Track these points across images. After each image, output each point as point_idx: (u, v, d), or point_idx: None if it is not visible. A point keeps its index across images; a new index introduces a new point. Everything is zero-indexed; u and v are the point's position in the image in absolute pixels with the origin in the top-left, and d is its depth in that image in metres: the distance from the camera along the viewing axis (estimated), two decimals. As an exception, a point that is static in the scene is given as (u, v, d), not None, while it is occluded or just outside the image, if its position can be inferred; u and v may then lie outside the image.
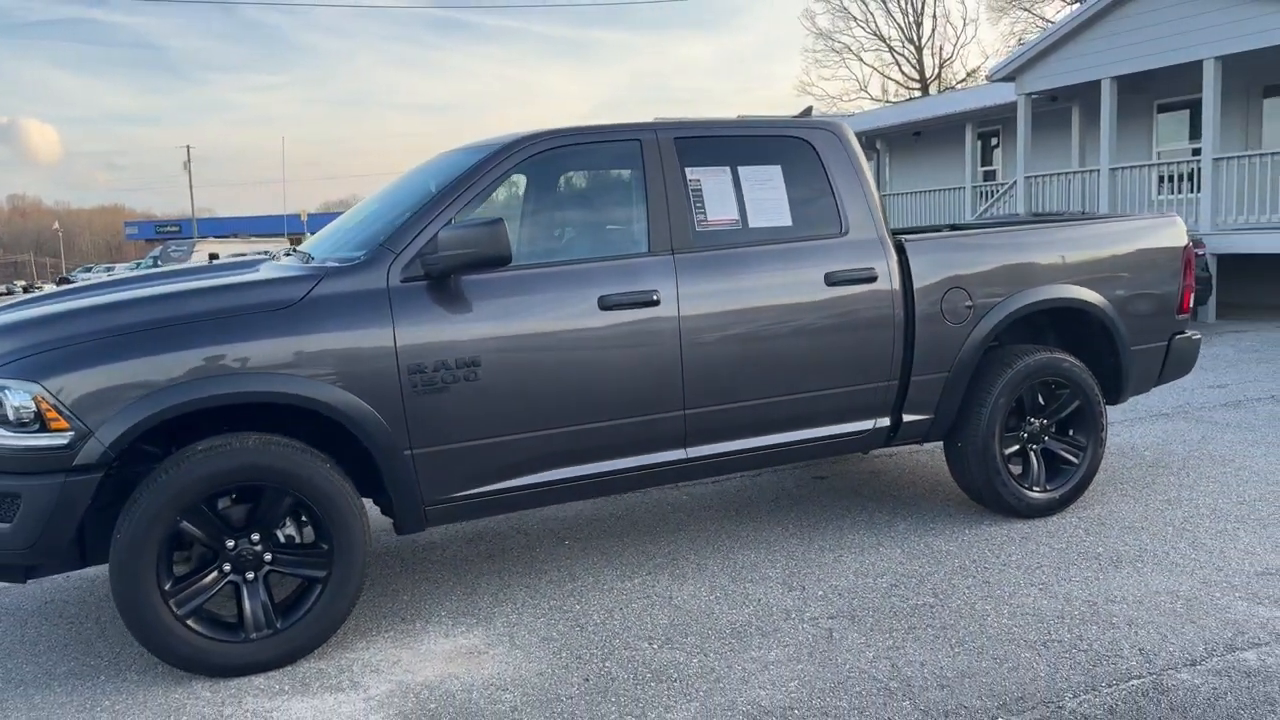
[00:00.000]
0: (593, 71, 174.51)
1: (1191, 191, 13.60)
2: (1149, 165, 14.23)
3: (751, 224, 4.22)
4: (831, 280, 4.26)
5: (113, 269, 48.64)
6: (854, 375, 4.35)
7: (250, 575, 3.44)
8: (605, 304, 3.86)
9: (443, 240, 3.56)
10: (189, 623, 3.34)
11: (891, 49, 52.61)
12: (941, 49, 60.55)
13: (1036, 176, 15.62)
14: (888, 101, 50.16)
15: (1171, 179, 14.04)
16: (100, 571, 4.55)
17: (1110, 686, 3.07)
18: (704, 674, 3.29)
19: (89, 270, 54.12)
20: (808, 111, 13.27)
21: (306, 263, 4.02)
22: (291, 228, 75.05)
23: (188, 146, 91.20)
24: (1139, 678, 3.12)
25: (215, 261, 4.40)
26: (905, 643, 3.47)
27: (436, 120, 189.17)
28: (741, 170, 4.25)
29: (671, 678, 3.28)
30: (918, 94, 49.88)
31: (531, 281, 3.81)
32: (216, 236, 66.16)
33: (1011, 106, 16.61)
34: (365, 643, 3.67)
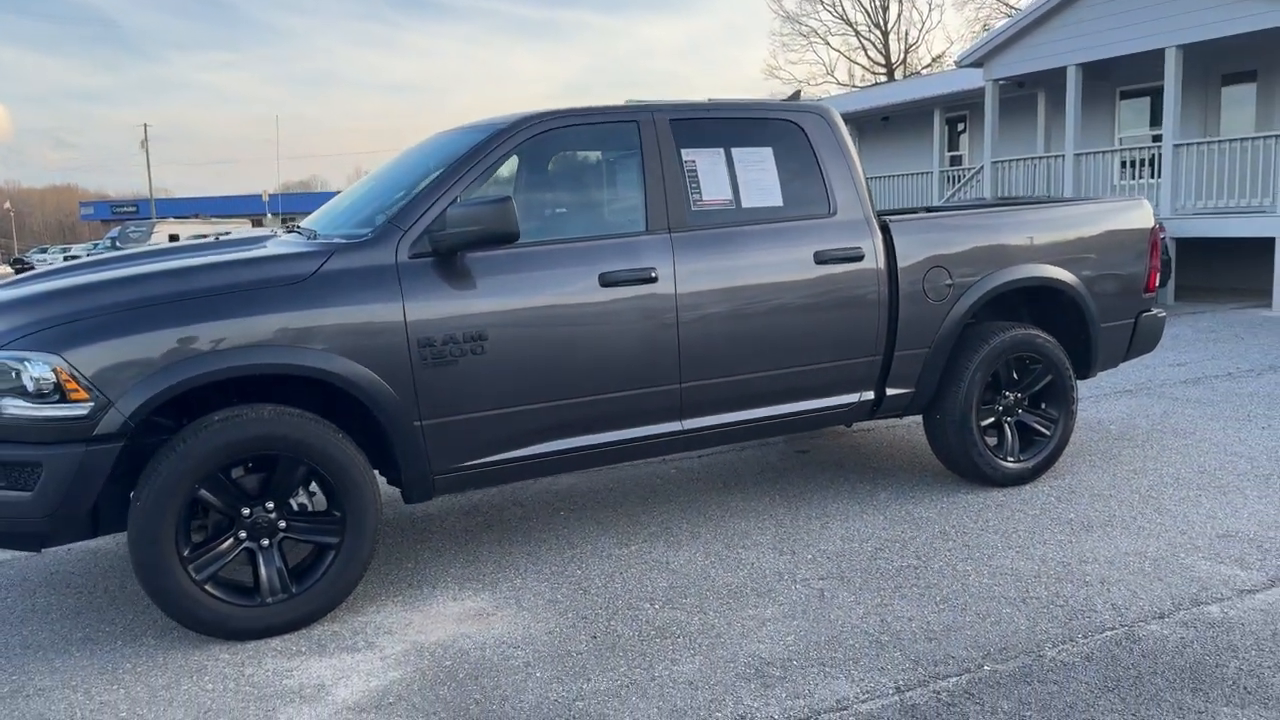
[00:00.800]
0: (559, 52, 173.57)
1: (1152, 177, 13.96)
2: (1112, 151, 14.57)
3: (744, 204, 4.37)
4: (821, 259, 4.43)
5: (69, 250, 47.78)
6: (841, 350, 4.52)
7: (265, 542, 3.55)
8: (606, 281, 4.00)
9: (451, 217, 3.68)
10: (207, 588, 3.45)
11: (858, 33, 52.92)
12: (907, 34, 61.06)
13: (1003, 161, 15.93)
14: (854, 86, 50.51)
15: (1133, 164, 14.41)
16: (102, 543, 4.65)
17: (1086, 637, 3.28)
18: (705, 631, 3.46)
19: (44, 251, 53.06)
20: (796, 95, 13.42)
21: (312, 239, 4.11)
22: (252, 208, 74.21)
23: (145, 125, 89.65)
24: (1112, 629, 3.34)
25: (222, 238, 4.47)
26: (893, 600, 3.66)
27: (401, 100, 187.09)
28: (735, 152, 4.40)
29: (675, 634, 3.45)
30: (884, 79, 50.29)
31: (535, 258, 3.94)
32: (176, 217, 65.10)
33: (978, 92, 16.90)
34: (375, 607, 3.80)
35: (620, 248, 4.09)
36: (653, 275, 4.09)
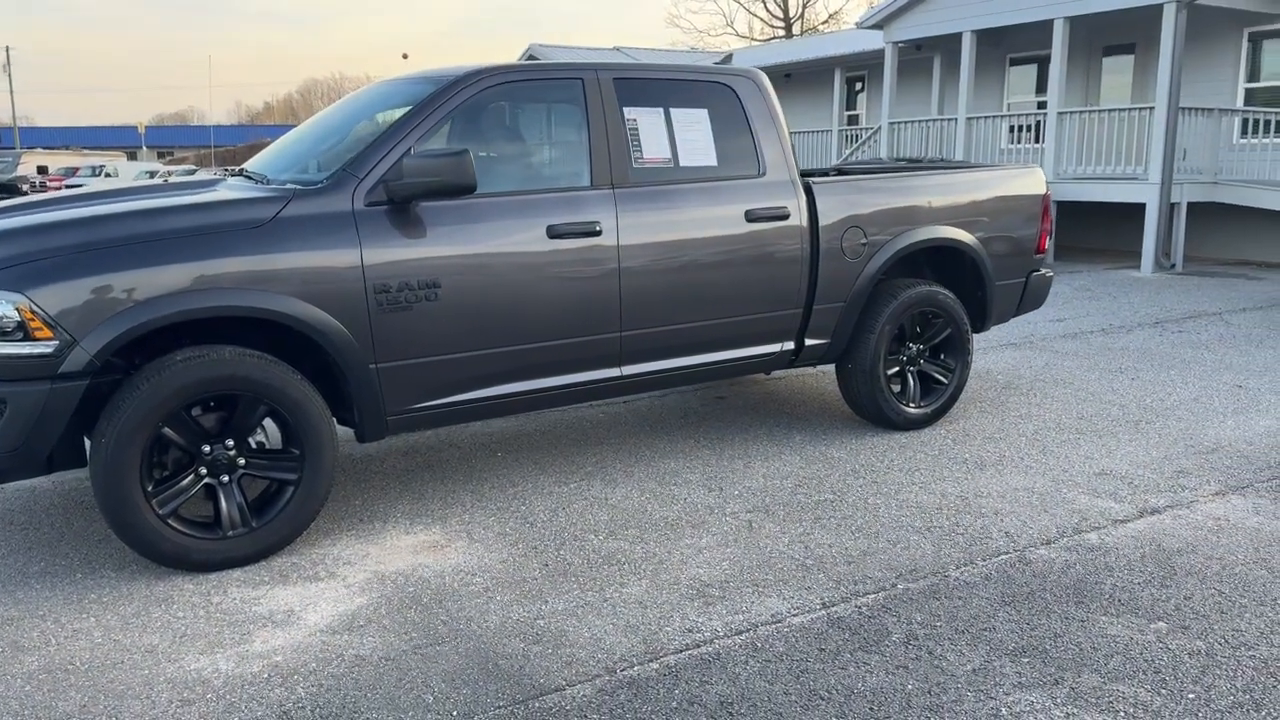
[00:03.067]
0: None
1: (1036, 142, 14.75)
2: (1001, 116, 15.30)
3: (682, 163, 4.62)
4: (751, 217, 4.72)
5: (-73, 180, 44.67)
6: (766, 303, 4.85)
7: (225, 478, 3.68)
8: (553, 233, 4.21)
9: (408, 168, 3.81)
10: (170, 522, 3.57)
11: (758, -15, 53.08)
12: (806, -11, 61.48)
13: (899, 123, 16.51)
14: (753, 39, 50.90)
15: (1019, 129, 15.17)
16: (37, 482, 4.66)
17: (984, 560, 3.72)
18: (648, 558, 3.77)
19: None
20: (729, 59, 13.62)
21: (263, 184, 4.18)
22: (126, 140, 70.43)
23: (6, 47, 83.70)
24: (1006, 554, 3.78)
25: (171, 180, 4.48)
26: (814, 530, 4.04)
27: (281, 30, 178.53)
28: (673, 112, 4.63)
29: (620, 561, 3.74)
30: (782, 32, 50.84)
31: (485, 209, 4.11)
32: (45, 147, 61.47)
33: (877, 54, 17.41)
34: (331, 540, 3.98)
35: (566, 201, 4.29)
36: (597, 229, 4.31)
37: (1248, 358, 7.30)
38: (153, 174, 46.37)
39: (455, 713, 2.74)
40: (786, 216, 4.83)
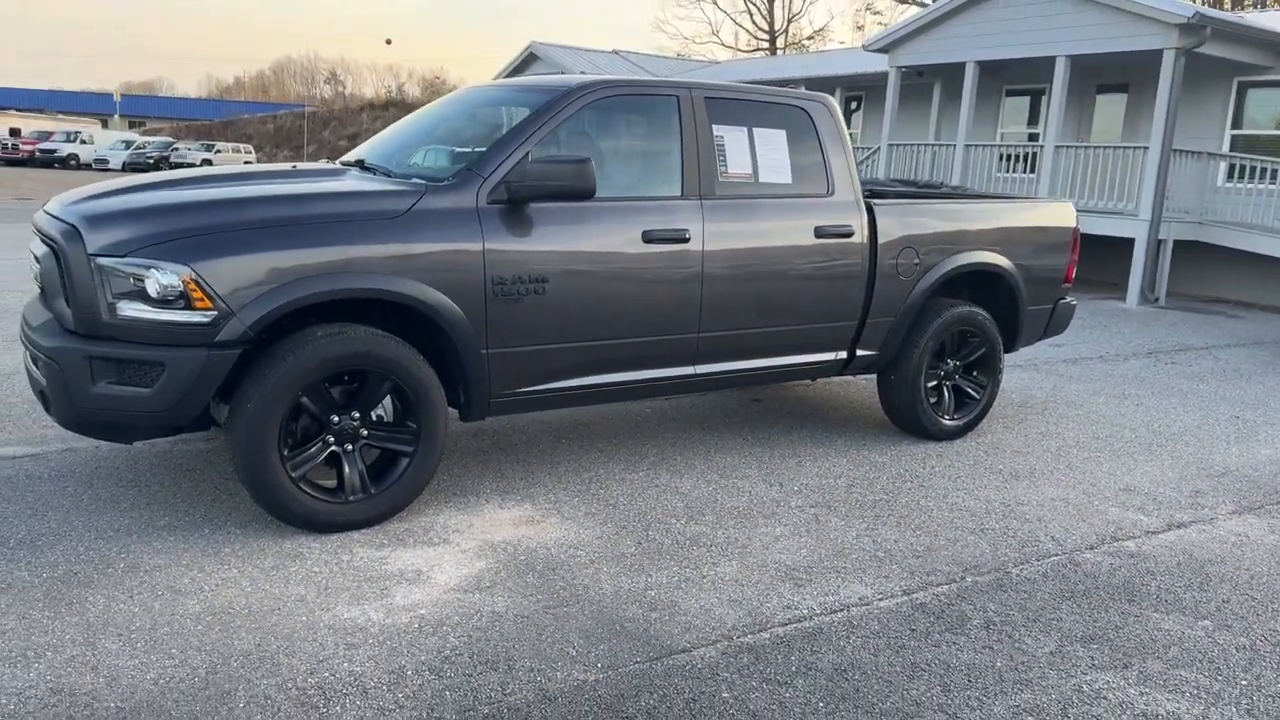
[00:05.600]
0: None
1: (1026, 172, 15.32)
2: (997, 145, 15.84)
3: (761, 179, 4.97)
4: (819, 233, 5.08)
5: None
6: (827, 313, 5.21)
7: (349, 447, 3.96)
8: (648, 238, 4.53)
9: (533, 171, 4.12)
10: (301, 485, 3.85)
11: (744, -5, 53.70)
12: (791, 3, 62.27)
13: (898, 145, 17.01)
14: (738, 49, 51.47)
15: (1011, 159, 15.73)
16: (136, 445, 4.89)
17: (1038, 561, 4.10)
18: (731, 543, 4.11)
19: None
20: (802, 86, 14.07)
21: (389, 176, 4.45)
22: (101, 107, 69.36)
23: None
24: (1056, 556, 4.17)
25: (297, 166, 4.73)
26: (876, 526, 4.40)
27: (255, 4, 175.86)
28: (755, 131, 4.98)
29: (706, 544, 4.08)
30: (766, 44, 51.54)
31: (589, 213, 4.42)
32: (18, 110, 60.44)
33: (876, 76, 17.92)
34: (434, 511, 4.26)
35: (660, 208, 4.61)
36: (686, 236, 4.64)
37: (1240, 390, 7.80)
38: (128, 144, 45.99)
39: (600, 664, 3.06)
40: (851, 234, 5.20)
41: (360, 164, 4.78)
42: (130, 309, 3.59)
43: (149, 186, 4.14)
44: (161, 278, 3.56)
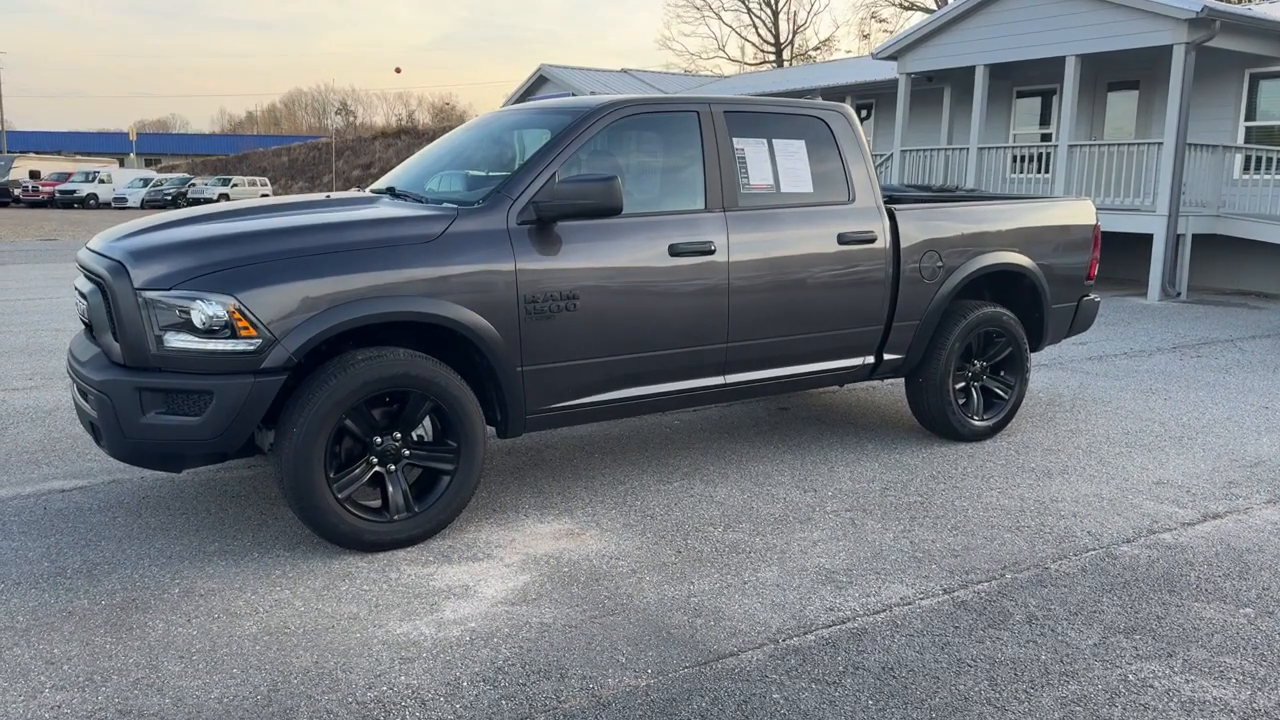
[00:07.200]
0: (434, 1, 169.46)
1: (1039, 172, 15.34)
2: (1010, 147, 15.87)
3: (783, 189, 5.04)
4: (842, 240, 5.14)
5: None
6: (853, 319, 5.26)
7: (392, 467, 4.05)
8: (674, 251, 4.61)
9: (562, 191, 4.21)
10: (347, 506, 3.93)
11: (750, 10, 54.06)
12: (796, 15, 62.61)
13: (911, 151, 17.07)
14: (744, 64, 51.72)
15: (1024, 159, 15.76)
16: (181, 474, 4.99)
17: (1076, 556, 4.13)
18: (770, 549, 4.16)
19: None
20: (817, 95, 14.22)
21: (420, 202, 4.55)
22: (117, 147, 70.37)
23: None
24: (1093, 550, 4.19)
25: (331, 196, 4.84)
26: (913, 528, 4.44)
27: (263, 40, 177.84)
28: (775, 143, 5.05)
29: (745, 551, 4.13)
30: (772, 57, 51.77)
31: (615, 229, 4.50)
32: (36, 152, 61.32)
33: (886, 84, 18.01)
34: (475, 527, 4.34)
35: (685, 222, 4.69)
36: (711, 248, 4.71)
37: (1268, 382, 7.78)
38: (146, 182, 46.63)
39: (650, 670, 3.11)
40: (873, 240, 5.26)
41: (391, 191, 4.89)
42: (177, 340, 3.70)
43: (190, 220, 4.25)
44: (207, 308, 3.66)
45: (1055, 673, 3.13)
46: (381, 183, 5.12)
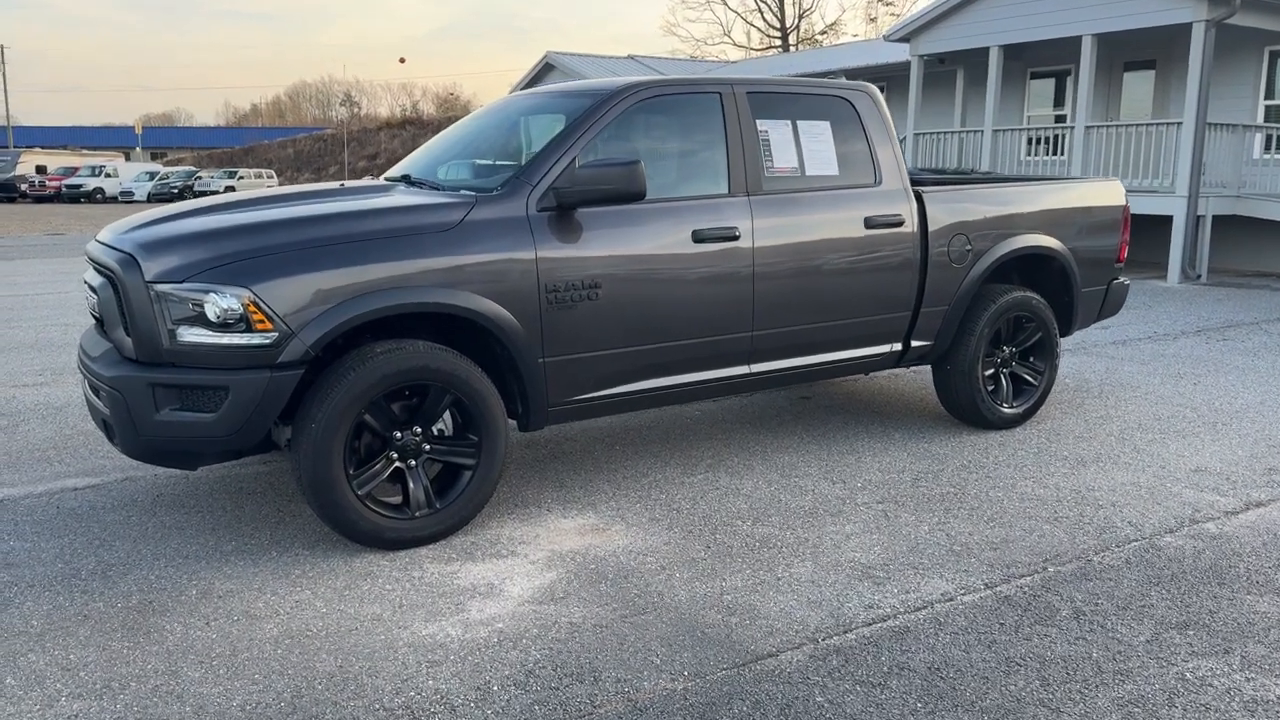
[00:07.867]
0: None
1: (1052, 154, 15.13)
2: (1024, 129, 15.66)
3: (808, 172, 4.89)
4: (869, 224, 5.00)
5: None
6: (880, 305, 5.12)
7: (413, 462, 3.93)
8: (697, 237, 4.47)
9: (583, 176, 4.07)
10: (367, 502, 3.81)
11: (755, -6, 53.59)
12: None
13: (924, 134, 16.86)
14: (750, 49, 51.44)
15: (1038, 141, 15.54)
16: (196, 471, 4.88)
17: (1119, 547, 4.00)
18: (802, 543, 4.03)
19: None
20: (842, 76, 14.08)
21: (437, 189, 4.42)
22: (123, 140, 70.32)
23: (1, 46, 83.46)
24: (1136, 541, 4.06)
25: (345, 184, 4.72)
26: (948, 520, 4.31)
27: (265, 31, 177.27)
28: (800, 124, 4.91)
29: (776, 545, 4.00)
30: (778, 42, 51.43)
31: (637, 215, 4.36)
32: (43, 147, 61.34)
33: (897, 66, 17.79)
34: (498, 523, 4.22)
35: (708, 207, 4.56)
36: (736, 233, 4.58)
37: (1299, 365, 7.62)
38: (152, 175, 46.56)
39: (686, 672, 2.99)
40: (901, 223, 5.11)
41: (406, 178, 4.76)
42: (191, 334, 3.58)
43: (202, 211, 4.13)
44: (221, 301, 3.54)
45: (1109, 671, 3.01)
46: (396, 170, 5.00)
